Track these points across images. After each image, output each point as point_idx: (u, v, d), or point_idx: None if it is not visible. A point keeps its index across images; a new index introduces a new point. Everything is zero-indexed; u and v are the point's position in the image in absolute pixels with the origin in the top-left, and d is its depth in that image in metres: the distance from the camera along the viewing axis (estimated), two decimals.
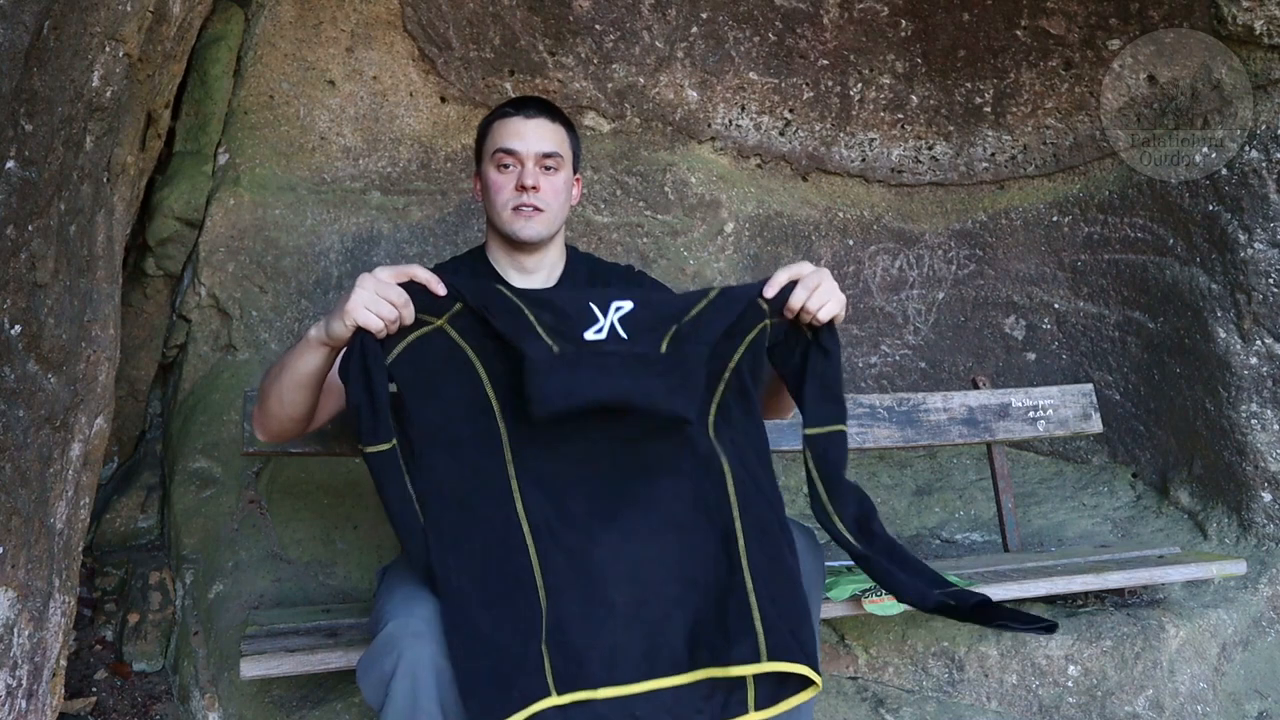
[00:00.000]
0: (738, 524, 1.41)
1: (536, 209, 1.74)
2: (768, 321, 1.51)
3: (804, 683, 1.35)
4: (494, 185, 1.76)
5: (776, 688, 1.35)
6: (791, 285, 1.50)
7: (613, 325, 1.47)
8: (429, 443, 1.41)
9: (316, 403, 1.54)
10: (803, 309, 1.49)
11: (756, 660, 1.31)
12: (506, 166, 1.75)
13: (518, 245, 1.78)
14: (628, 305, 1.48)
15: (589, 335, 1.45)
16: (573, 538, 1.38)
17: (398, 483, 1.38)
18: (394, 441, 1.38)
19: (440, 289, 1.42)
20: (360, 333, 1.37)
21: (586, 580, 1.35)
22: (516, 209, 1.74)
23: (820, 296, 1.48)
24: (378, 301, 1.37)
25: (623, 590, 1.35)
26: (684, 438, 1.46)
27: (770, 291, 1.51)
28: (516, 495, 1.39)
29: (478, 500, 1.39)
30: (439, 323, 1.44)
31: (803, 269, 1.51)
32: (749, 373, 1.51)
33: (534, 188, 1.73)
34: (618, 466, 1.43)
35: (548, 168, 1.76)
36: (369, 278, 1.39)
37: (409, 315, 1.40)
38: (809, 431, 1.50)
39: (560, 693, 1.28)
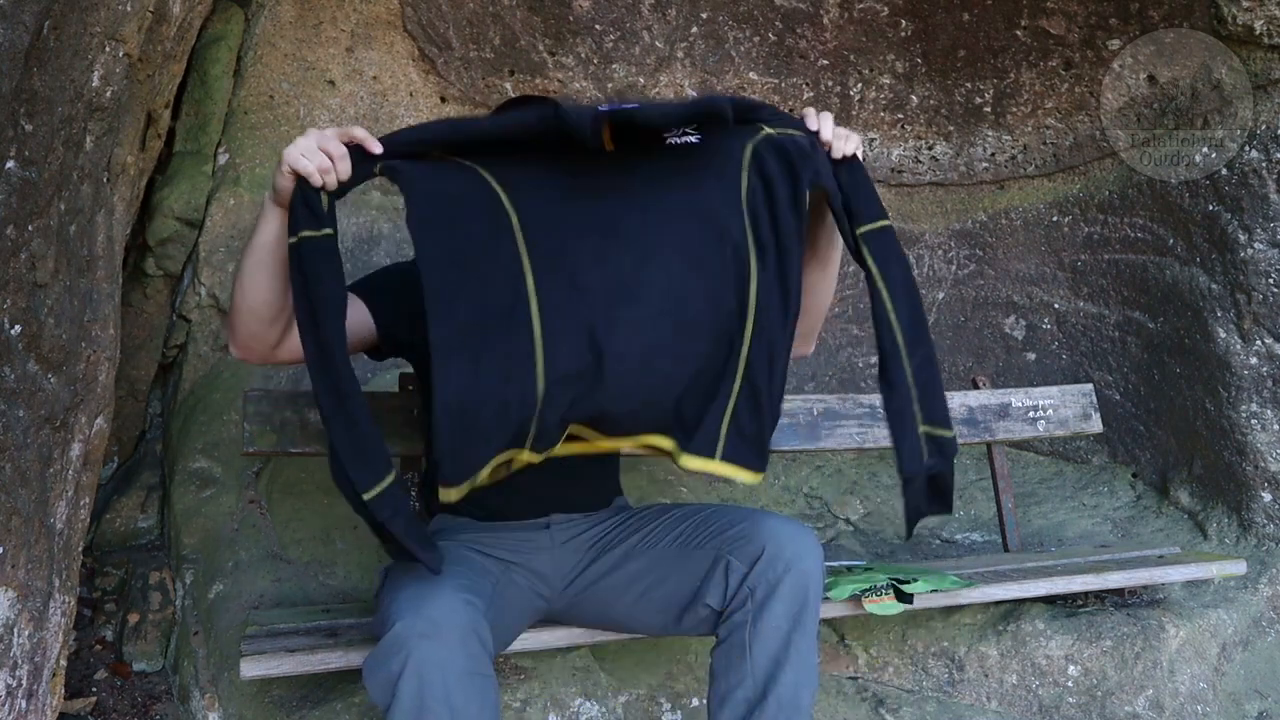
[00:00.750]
0: (748, 332, 1.46)
1: None
2: (769, 130, 1.54)
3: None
4: None
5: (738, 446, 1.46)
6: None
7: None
8: (430, 225, 1.39)
9: (281, 294, 1.48)
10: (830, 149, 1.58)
11: (712, 457, 1.46)
12: None
13: None
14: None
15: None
16: (582, 310, 1.40)
17: (328, 273, 1.37)
18: (330, 231, 1.38)
19: (375, 148, 1.41)
20: (300, 182, 1.39)
21: (589, 350, 1.39)
22: None
23: (841, 136, 1.59)
24: (314, 151, 1.39)
25: (624, 361, 1.40)
26: (716, 225, 1.47)
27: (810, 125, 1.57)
28: (527, 269, 1.39)
29: (484, 267, 1.38)
30: (437, 152, 1.44)
31: (819, 115, 1.60)
32: (775, 163, 1.52)
33: None
34: (639, 244, 1.45)
35: None
36: (312, 130, 1.42)
37: (345, 169, 1.40)
38: (861, 230, 1.56)
39: (535, 451, 1.37)
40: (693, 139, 1.48)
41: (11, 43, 1.30)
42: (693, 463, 1.47)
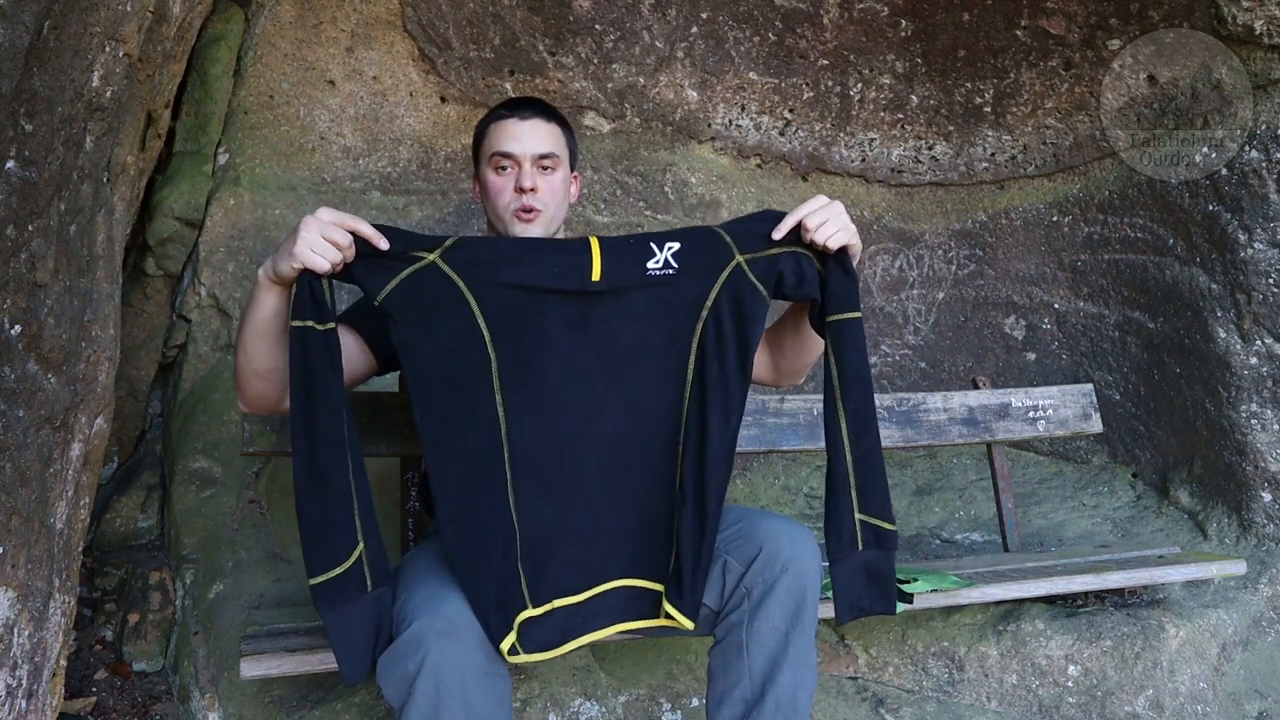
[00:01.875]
0: (677, 480, 1.53)
1: (536, 210, 1.76)
2: (740, 258, 1.56)
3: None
4: (493, 188, 1.78)
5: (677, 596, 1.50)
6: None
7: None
8: (424, 375, 1.47)
9: (283, 358, 1.50)
10: (812, 241, 1.57)
11: (656, 611, 1.52)
12: (504, 169, 1.77)
13: None
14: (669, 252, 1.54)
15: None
16: (544, 466, 1.49)
17: (328, 366, 1.42)
18: (333, 325, 1.43)
19: (383, 244, 1.45)
20: (306, 272, 1.42)
21: (552, 505, 1.49)
22: (516, 211, 1.76)
23: (827, 229, 1.56)
24: (323, 244, 1.41)
25: (581, 515, 1.50)
26: (663, 386, 1.54)
27: (778, 234, 1.57)
28: (502, 422, 1.47)
29: (466, 429, 1.47)
30: (431, 258, 1.47)
31: (811, 205, 1.58)
32: (729, 316, 1.55)
33: (532, 189, 1.75)
34: (594, 401, 1.52)
35: (545, 168, 1.77)
36: (313, 220, 1.42)
37: (351, 255, 1.43)
38: (831, 318, 1.58)
39: (535, 605, 1.44)
40: (672, 270, 1.53)
41: (11, 43, 1.30)
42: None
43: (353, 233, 1.43)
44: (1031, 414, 2.55)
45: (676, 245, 1.54)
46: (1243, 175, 2.55)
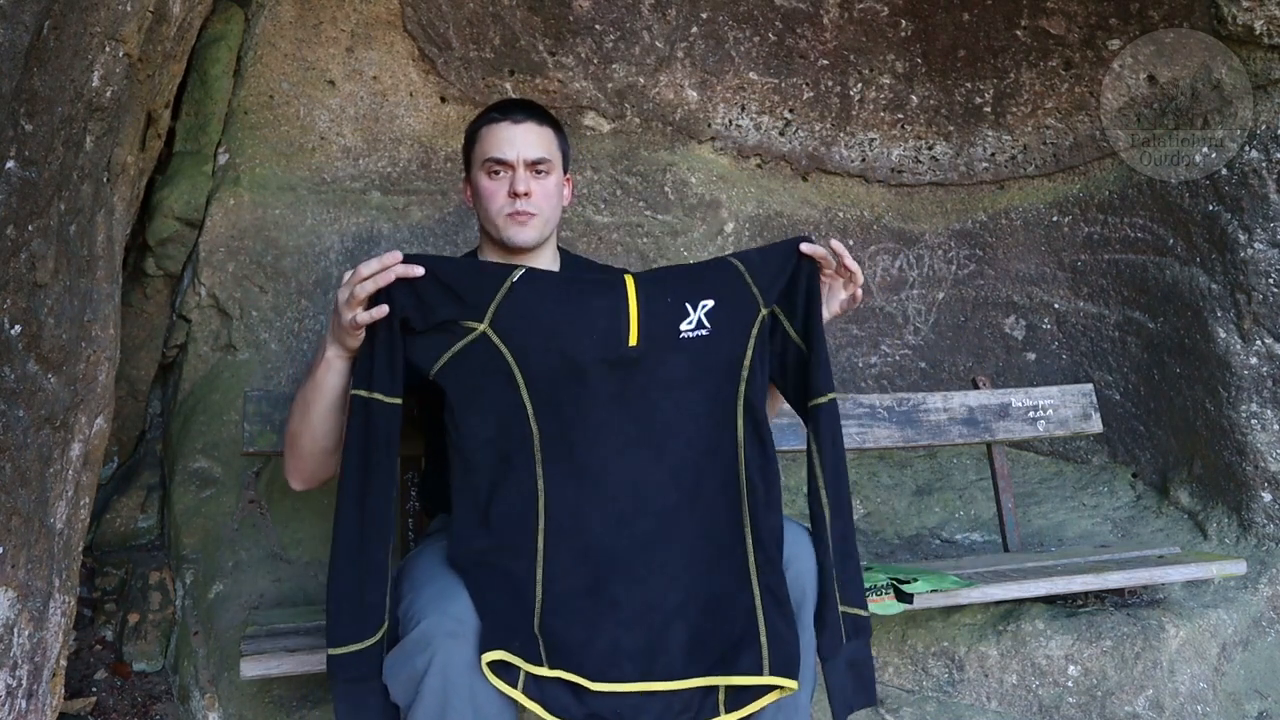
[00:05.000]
0: (748, 539, 1.48)
1: (530, 214, 1.76)
2: (764, 312, 1.59)
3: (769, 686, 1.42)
4: (486, 193, 1.78)
5: (741, 691, 1.40)
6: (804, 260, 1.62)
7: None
8: (469, 443, 1.48)
9: (343, 426, 1.55)
10: (842, 266, 1.63)
11: (759, 673, 1.38)
12: (497, 174, 1.77)
13: (513, 250, 1.80)
14: (699, 310, 1.56)
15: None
16: (584, 535, 1.45)
17: (390, 441, 1.44)
18: (400, 401, 1.46)
19: (417, 271, 1.47)
20: (377, 340, 1.46)
21: (592, 578, 1.41)
22: (510, 215, 1.76)
23: (856, 276, 1.65)
24: (361, 313, 1.44)
25: (628, 592, 1.42)
26: (711, 450, 1.53)
27: (806, 248, 1.61)
28: (541, 493, 1.46)
29: (504, 492, 1.46)
30: (481, 328, 1.49)
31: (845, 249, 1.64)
32: (759, 369, 1.58)
33: (526, 194, 1.75)
34: (638, 474, 1.50)
35: (538, 172, 1.78)
36: (344, 287, 1.46)
37: (385, 278, 1.45)
38: (812, 403, 1.60)
39: (549, 666, 1.35)
40: (705, 330, 1.55)
41: (11, 43, 1.30)
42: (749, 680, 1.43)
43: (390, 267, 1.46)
44: (1031, 414, 2.55)
45: (710, 303, 1.55)
46: (1243, 175, 2.55)
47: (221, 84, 2.64)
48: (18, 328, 1.40)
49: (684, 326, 1.54)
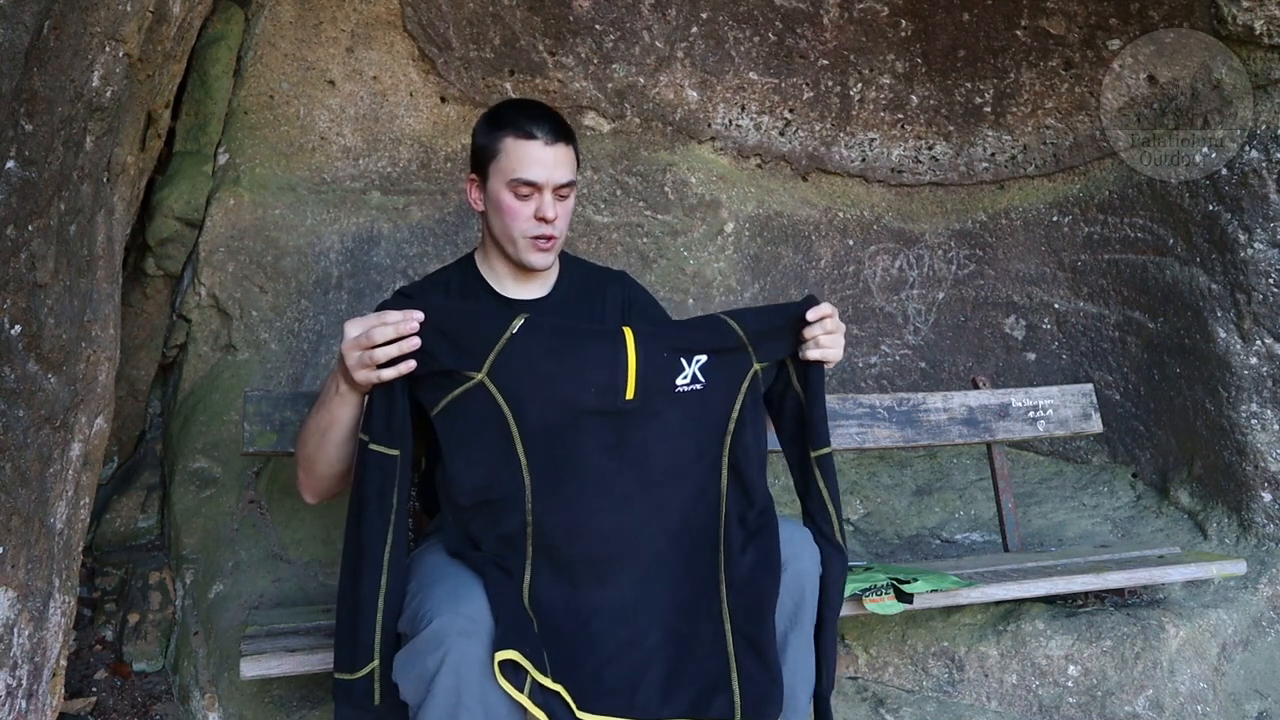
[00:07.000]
0: (723, 584, 1.51)
1: (553, 238, 1.75)
2: (757, 366, 1.62)
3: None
4: (509, 211, 1.73)
5: None
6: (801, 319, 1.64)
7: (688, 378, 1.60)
8: (461, 493, 1.51)
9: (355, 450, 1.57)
10: (815, 341, 1.62)
11: (731, 717, 1.43)
12: (526, 196, 1.73)
13: (526, 270, 1.80)
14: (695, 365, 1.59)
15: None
16: (570, 579, 1.49)
17: (389, 490, 1.47)
18: (399, 451, 1.48)
19: (417, 317, 1.48)
20: (384, 390, 1.48)
21: (575, 619, 1.46)
22: (533, 240, 1.74)
23: (837, 339, 1.63)
24: (379, 354, 1.44)
25: (611, 629, 1.46)
26: (696, 498, 1.56)
27: (812, 315, 1.62)
28: (529, 536, 1.49)
29: (493, 543, 1.50)
30: (479, 377, 1.50)
31: (832, 311, 1.63)
32: (750, 421, 1.61)
33: (553, 219, 1.73)
34: (632, 523, 1.52)
35: (563, 196, 1.76)
36: (350, 344, 1.45)
37: (409, 345, 1.46)
38: (816, 454, 1.65)
39: (555, 680, 1.38)
40: (700, 385, 1.57)
41: (11, 43, 1.30)
42: None
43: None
44: (1031, 414, 2.55)
45: (704, 359, 1.58)
46: (1243, 175, 2.55)
47: (221, 84, 2.64)
48: (18, 328, 1.40)
49: (679, 381, 1.57)
